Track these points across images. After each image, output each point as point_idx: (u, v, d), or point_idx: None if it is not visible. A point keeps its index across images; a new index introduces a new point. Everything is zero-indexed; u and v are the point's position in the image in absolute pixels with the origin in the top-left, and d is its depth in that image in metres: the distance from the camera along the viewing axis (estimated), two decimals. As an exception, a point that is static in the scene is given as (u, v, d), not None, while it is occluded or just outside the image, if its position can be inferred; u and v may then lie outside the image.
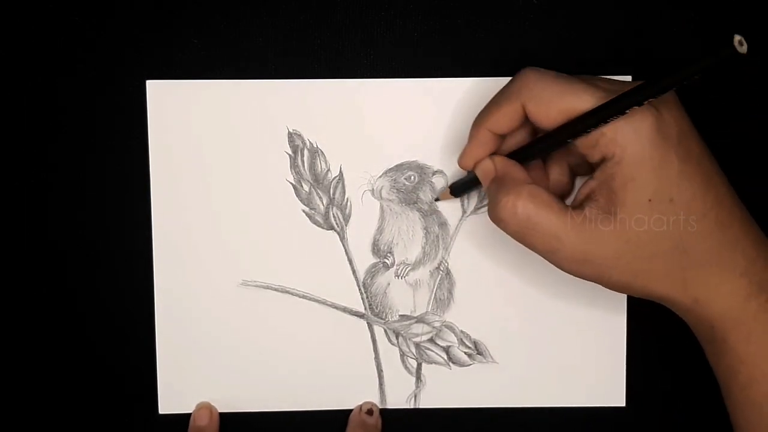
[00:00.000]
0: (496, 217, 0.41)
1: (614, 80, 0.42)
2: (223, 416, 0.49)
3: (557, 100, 0.39)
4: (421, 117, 0.47)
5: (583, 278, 0.41)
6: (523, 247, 0.41)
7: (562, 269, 0.41)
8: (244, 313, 0.48)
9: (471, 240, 0.48)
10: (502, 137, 0.43)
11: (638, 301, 0.42)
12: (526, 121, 0.41)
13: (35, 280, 0.48)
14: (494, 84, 0.47)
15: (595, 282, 0.41)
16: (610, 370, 0.49)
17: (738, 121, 0.48)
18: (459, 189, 0.47)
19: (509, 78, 0.47)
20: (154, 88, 0.47)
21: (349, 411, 0.49)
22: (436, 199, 0.48)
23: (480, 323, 0.49)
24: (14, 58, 0.47)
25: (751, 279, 0.40)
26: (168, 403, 0.49)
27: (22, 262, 0.48)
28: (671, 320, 0.42)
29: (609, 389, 0.49)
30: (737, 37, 0.34)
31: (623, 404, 0.49)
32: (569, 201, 0.42)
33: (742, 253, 0.40)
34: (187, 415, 0.49)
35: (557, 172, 0.44)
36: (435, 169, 0.48)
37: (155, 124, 0.47)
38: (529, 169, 0.43)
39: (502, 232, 0.41)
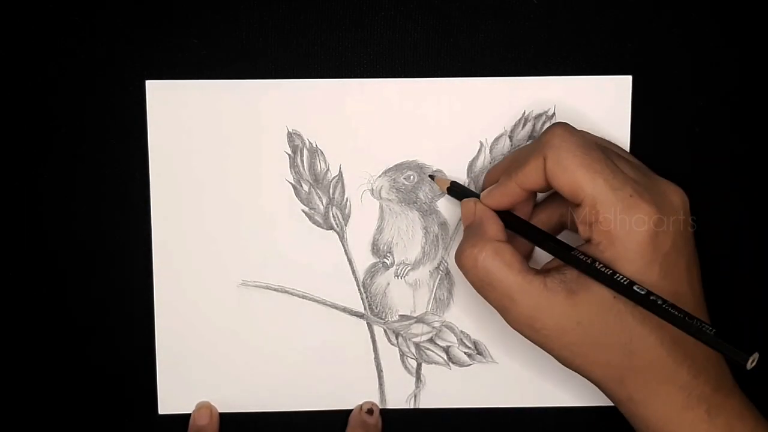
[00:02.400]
0: (459, 263, 0.42)
1: (633, 162, 0.42)
2: (223, 416, 0.49)
3: (573, 171, 0.39)
4: (421, 117, 0.47)
5: (529, 340, 0.41)
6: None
7: (511, 327, 0.41)
8: (244, 313, 0.48)
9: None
10: (531, 193, 0.43)
11: (638, 301, 0.42)
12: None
13: (34, 281, 0.48)
14: (494, 84, 0.47)
15: (538, 347, 0.41)
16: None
17: (738, 122, 0.48)
18: (456, 192, 0.46)
19: (509, 78, 0.47)
20: (154, 88, 0.47)
21: (349, 411, 0.49)
22: (431, 177, 0.47)
23: (480, 323, 0.49)
24: (14, 57, 0.47)
25: (690, 392, 0.40)
26: (168, 404, 0.49)
27: (21, 263, 0.48)
28: (671, 320, 0.42)
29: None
30: (752, 358, 0.35)
31: (623, 404, 0.49)
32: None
33: (688, 368, 0.40)
34: (187, 416, 0.49)
35: (543, 220, 0.45)
36: (434, 169, 0.48)
37: (155, 124, 0.47)
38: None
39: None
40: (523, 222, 0.43)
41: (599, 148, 0.40)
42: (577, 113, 0.47)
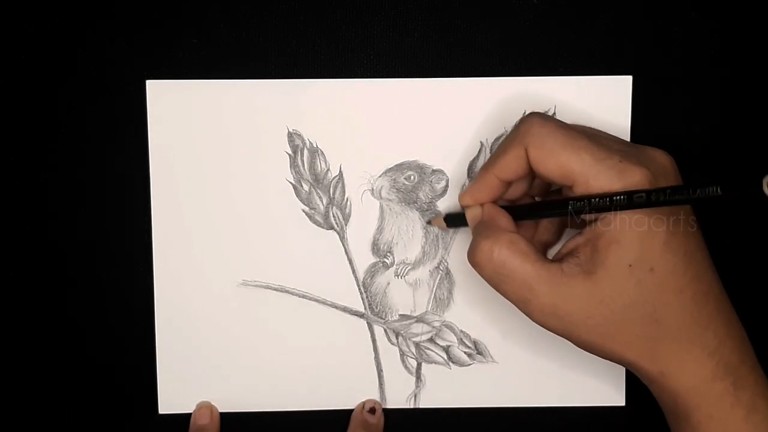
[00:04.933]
0: (472, 260, 0.42)
1: (615, 138, 0.42)
2: (223, 416, 0.49)
3: (557, 152, 0.39)
4: (421, 117, 0.47)
5: (553, 332, 0.41)
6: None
7: (532, 320, 0.41)
8: (244, 312, 0.48)
9: (471, 240, 0.48)
10: (509, 184, 0.43)
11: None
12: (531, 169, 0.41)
13: (35, 280, 0.48)
14: (494, 84, 0.47)
15: (564, 337, 0.41)
16: (610, 370, 0.49)
17: (737, 123, 0.48)
18: (453, 220, 0.47)
19: (509, 78, 0.47)
20: (154, 87, 0.47)
21: (350, 411, 0.49)
22: (428, 222, 0.48)
23: (480, 323, 0.49)
24: (14, 58, 0.47)
25: (718, 360, 0.40)
26: (168, 403, 0.49)
27: (22, 262, 0.48)
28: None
29: (609, 389, 0.49)
30: (767, 180, 0.34)
31: (623, 404, 0.49)
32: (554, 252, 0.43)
33: (714, 332, 0.40)
34: (187, 415, 0.49)
35: (547, 220, 0.45)
36: (434, 169, 0.48)
37: (155, 124, 0.47)
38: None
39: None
40: (526, 205, 0.44)
41: (578, 128, 0.41)
42: (577, 113, 0.47)
